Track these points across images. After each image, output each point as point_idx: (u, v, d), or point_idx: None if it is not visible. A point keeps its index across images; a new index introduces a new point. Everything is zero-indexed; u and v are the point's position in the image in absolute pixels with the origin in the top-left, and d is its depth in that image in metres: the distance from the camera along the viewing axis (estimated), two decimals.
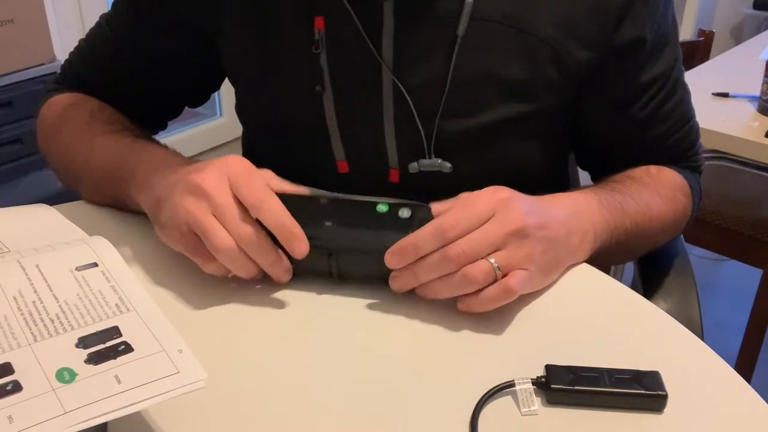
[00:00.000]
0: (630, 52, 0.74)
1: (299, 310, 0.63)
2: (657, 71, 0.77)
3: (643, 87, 0.78)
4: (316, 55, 0.74)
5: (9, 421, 0.39)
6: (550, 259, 0.64)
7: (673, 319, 0.63)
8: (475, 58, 0.73)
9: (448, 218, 0.60)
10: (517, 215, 0.61)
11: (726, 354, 0.59)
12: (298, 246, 0.61)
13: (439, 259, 0.59)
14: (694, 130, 0.85)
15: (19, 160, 1.97)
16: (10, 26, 1.85)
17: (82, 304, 0.47)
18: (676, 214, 0.80)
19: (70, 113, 0.83)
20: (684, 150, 0.85)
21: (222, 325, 0.62)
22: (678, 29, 0.81)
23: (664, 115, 0.80)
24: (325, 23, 0.73)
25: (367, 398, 0.54)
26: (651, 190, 0.78)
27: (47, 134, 0.85)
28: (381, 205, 0.63)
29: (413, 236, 0.60)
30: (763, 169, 1.40)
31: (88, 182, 0.79)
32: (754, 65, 1.56)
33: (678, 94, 0.81)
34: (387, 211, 0.63)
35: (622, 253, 0.76)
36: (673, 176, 0.81)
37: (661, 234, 0.80)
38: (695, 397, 0.55)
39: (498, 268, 0.59)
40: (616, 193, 0.75)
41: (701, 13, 3.10)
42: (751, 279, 1.66)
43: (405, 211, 0.62)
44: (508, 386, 0.54)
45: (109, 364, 0.43)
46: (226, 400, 0.54)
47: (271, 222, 0.60)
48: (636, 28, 0.73)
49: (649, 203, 0.76)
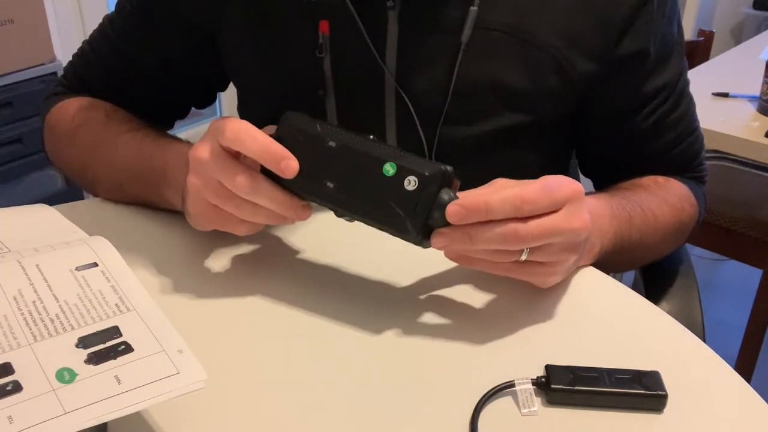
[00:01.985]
0: (632, 64, 0.74)
1: (299, 311, 0.63)
2: (660, 82, 0.77)
3: (645, 98, 0.77)
4: (320, 59, 0.74)
5: (9, 422, 0.39)
6: (573, 264, 0.63)
7: (673, 319, 0.63)
8: (478, 66, 0.73)
9: (530, 192, 0.55)
10: (586, 216, 0.58)
11: (726, 354, 0.59)
12: (286, 164, 0.58)
13: (508, 232, 0.55)
14: (698, 141, 0.84)
15: (19, 160, 1.97)
16: (10, 26, 1.86)
17: (82, 304, 0.47)
18: (681, 224, 0.79)
19: (83, 116, 0.83)
20: (688, 161, 0.84)
21: (222, 325, 0.62)
22: (684, 39, 0.80)
23: (667, 127, 0.80)
24: (329, 27, 0.73)
25: (368, 398, 0.54)
26: (659, 200, 0.77)
27: (61, 139, 0.85)
28: (389, 165, 0.57)
29: (488, 195, 0.55)
30: (763, 169, 1.41)
31: (111, 181, 0.79)
32: (754, 65, 1.56)
33: (683, 105, 0.80)
34: (393, 175, 0.57)
35: (624, 261, 0.76)
36: (680, 187, 0.81)
37: (663, 243, 0.80)
38: (695, 397, 0.55)
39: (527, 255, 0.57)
40: (627, 201, 0.73)
41: (701, 13, 3.10)
42: (751, 279, 1.66)
43: (411, 180, 0.56)
44: (508, 386, 0.54)
45: (109, 364, 0.43)
46: (226, 401, 0.54)
47: (254, 149, 0.58)
48: (638, 41, 0.73)
49: (655, 213, 0.76)
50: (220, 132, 0.59)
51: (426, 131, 0.75)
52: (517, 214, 0.55)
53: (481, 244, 0.56)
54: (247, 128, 0.58)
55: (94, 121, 0.82)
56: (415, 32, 0.73)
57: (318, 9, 0.73)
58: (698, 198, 0.83)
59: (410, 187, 0.56)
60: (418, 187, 0.56)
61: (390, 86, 0.74)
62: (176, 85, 0.87)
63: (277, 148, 0.58)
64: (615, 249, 0.70)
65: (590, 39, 0.72)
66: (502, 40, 0.72)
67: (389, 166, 0.57)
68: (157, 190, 0.72)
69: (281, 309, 0.63)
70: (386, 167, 0.57)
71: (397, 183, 0.56)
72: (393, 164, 0.57)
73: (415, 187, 0.56)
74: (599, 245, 0.68)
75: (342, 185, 0.59)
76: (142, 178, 0.74)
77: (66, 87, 0.90)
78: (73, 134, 0.82)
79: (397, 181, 0.56)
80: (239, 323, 0.62)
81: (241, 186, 0.58)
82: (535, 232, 0.55)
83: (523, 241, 0.55)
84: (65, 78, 0.91)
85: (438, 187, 0.56)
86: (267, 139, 0.58)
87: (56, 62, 1.99)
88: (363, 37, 0.73)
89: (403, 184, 0.56)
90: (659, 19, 0.73)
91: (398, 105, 0.75)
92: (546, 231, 0.56)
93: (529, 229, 0.55)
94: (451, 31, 0.72)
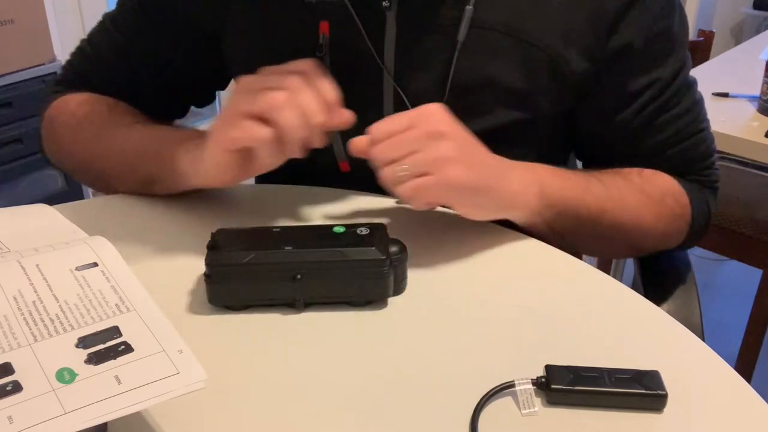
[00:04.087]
0: (619, 59, 0.74)
1: (300, 311, 0.63)
2: (649, 79, 0.76)
3: (632, 94, 0.77)
4: (320, 59, 0.74)
5: (9, 422, 0.39)
6: (475, 168, 0.65)
7: (673, 319, 0.63)
8: (473, 64, 0.73)
9: (380, 123, 0.64)
10: (435, 120, 0.64)
11: (726, 354, 0.59)
12: (340, 113, 0.65)
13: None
14: (703, 144, 0.83)
15: (19, 160, 1.97)
16: (10, 26, 1.86)
17: (82, 304, 0.47)
18: (660, 217, 0.79)
19: (86, 109, 0.84)
20: (689, 162, 0.83)
21: (222, 325, 0.62)
22: (686, 36, 0.79)
23: (660, 125, 0.79)
24: (329, 28, 0.73)
25: (368, 398, 0.54)
26: (632, 185, 0.77)
27: (63, 132, 0.85)
28: (337, 227, 0.64)
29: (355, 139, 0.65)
30: (763, 169, 1.41)
31: (122, 166, 0.79)
32: (754, 65, 1.56)
33: (682, 104, 0.79)
34: (344, 231, 0.63)
35: (588, 236, 0.75)
36: (668, 182, 0.81)
37: (637, 232, 0.78)
38: (695, 397, 0.55)
39: (405, 171, 0.62)
40: (589, 175, 0.75)
41: (701, 13, 3.10)
42: (751, 279, 1.66)
43: (363, 229, 0.63)
44: (508, 386, 0.54)
45: (109, 364, 0.43)
46: (226, 401, 0.54)
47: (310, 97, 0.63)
48: (625, 35, 0.73)
49: (623, 193, 0.76)
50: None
51: None
52: (373, 142, 0.63)
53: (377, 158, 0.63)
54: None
55: (98, 113, 0.82)
56: (413, 32, 0.73)
57: (318, 9, 0.73)
58: (693, 200, 0.82)
59: (363, 232, 0.63)
60: (370, 232, 0.63)
61: (388, 85, 0.75)
62: (176, 84, 0.88)
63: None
64: (567, 208, 0.72)
65: (584, 37, 0.72)
66: (498, 38, 0.72)
67: (338, 228, 0.64)
68: (168, 162, 0.74)
69: (281, 309, 0.63)
70: (336, 228, 0.64)
71: (350, 234, 0.63)
72: (341, 226, 0.64)
73: (368, 232, 0.63)
74: (537, 186, 0.70)
75: (301, 246, 0.62)
76: (152, 154, 0.75)
77: (65, 86, 0.90)
78: (77, 127, 0.83)
79: (350, 233, 0.63)
80: (239, 323, 0.62)
81: (292, 79, 0.63)
82: (384, 148, 0.63)
83: (378, 159, 0.63)
84: (64, 77, 0.91)
85: (385, 228, 0.64)
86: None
87: (56, 62, 1.99)
88: (362, 37, 0.73)
89: (356, 232, 0.63)
90: (650, 13, 0.73)
91: (396, 104, 0.75)
92: (395, 144, 0.63)
93: (377, 149, 0.63)
94: (448, 30, 0.72)
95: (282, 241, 0.62)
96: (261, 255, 0.61)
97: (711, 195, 0.85)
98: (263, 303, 0.63)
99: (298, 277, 0.61)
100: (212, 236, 0.63)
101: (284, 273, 0.61)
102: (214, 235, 0.63)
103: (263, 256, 0.61)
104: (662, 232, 0.81)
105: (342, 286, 0.62)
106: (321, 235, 0.63)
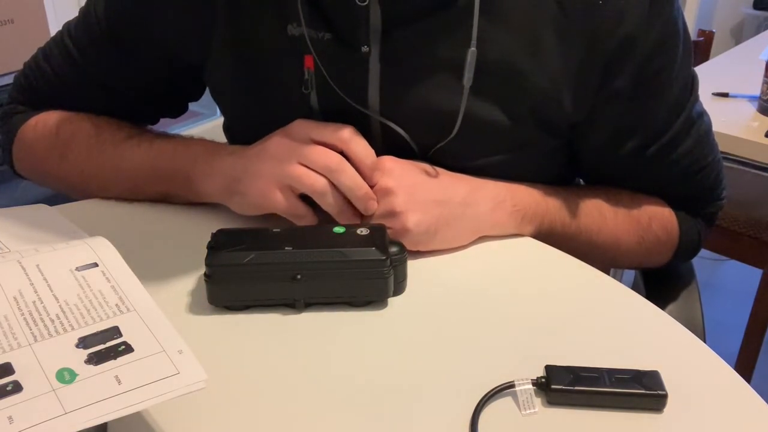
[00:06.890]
0: (610, 100, 0.72)
1: (300, 311, 0.63)
2: (644, 119, 0.74)
3: (627, 134, 0.75)
4: (306, 95, 0.73)
5: (9, 422, 0.39)
6: (428, 211, 0.68)
7: (673, 319, 0.63)
8: (474, 105, 0.71)
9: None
10: (384, 176, 0.68)
11: (726, 354, 0.59)
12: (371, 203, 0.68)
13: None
14: (708, 178, 0.81)
15: None
16: (10, 26, 1.85)
17: (82, 304, 0.47)
18: (643, 241, 0.78)
19: (69, 129, 0.81)
20: (688, 200, 0.81)
21: (222, 325, 0.62)
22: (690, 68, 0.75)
23: (661, 163, 0.77)
24: (314, 63, 0.72)
25: (368, 399, 0.54)
26: (617, 207, 0.77)
27: (48, 155, 0.82)
28: (337, 227, 0.64)
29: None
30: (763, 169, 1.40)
31: (123, 184, 0.78)
32: (754, 65, 1.56)
33: (685, 143, 0.77)
34: (344, 232, 0.64)
35: (566, 249, 0.74)
36: (658, 208, 0.80)
37: (614, 252, 0.78)
38: (695, 397, 0.55)
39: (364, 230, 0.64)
40: (568, 191, 0.76)
41: (701, 13, 3.10)
42: (751, 279, 1.66)
43: (363, 229, 0.64)
44: (508, 387, 0.54)
45: (110, 364, 0.43)
46: (227, 401, 0.54)
47: (349, 182, 0.67)
48: (618, 77, 0.70)
49: (605, 215, 0.76)
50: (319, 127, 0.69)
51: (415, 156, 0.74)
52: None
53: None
54: (342, 161, 0.68)
55: (83, 132, 0.80)
56: (401, 72, 0.71)
57: (302, 43, 0.71)
58: (683, 228, 0.81)
59: (363, 232, 0.64)
60: (370, 232, 0.64)
61: (375, 122, 0.73)
62: (146, 103, 0.85)
63: (366, 187, 0.68)
64: (541, 223, 0.74)
65: (581, 78, 0.70)
66: (497, 80, 0.70)
67: (338, 228, 0.64)
68: (183, 182, 0.74)
69: (281, 309, 0.63)
70: (336, 229, 0.64)
71: (350, 234, 0.64)
72: (341, 226, 0.65)
73: (368, 232, 0.64)
74: (510, 203, 0.72)
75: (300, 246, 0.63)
76: (164, 175, 0.76)
77: (20, 103, 0.87)
78: (64, 149, 0.81)
79: (350, 233, 0.64)
80: (239, 323, 0.62)
81: (332, 157, 0.67)
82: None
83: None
84: (18, 93, 0.88)
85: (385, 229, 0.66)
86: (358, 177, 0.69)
87: None
88: (344, 75, 0.71)
89: (356, 232, 0.64)
90: (644, 53, 0.70)
91: (384, 140, 0.74)
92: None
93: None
94: (445, 70, 0.70)
95: (282, 241, 0.62)
96: (261, 255, 0.61)
97: (704, 225, 0.84)
98: (263, 303, 0.63)
99: (298, 278, 0.61)
100: (212, 236, 0.63)
101: (284, 273, 0.61)
102: (214, 235, 0.64)
103: (263, 257, 0.61)
104: (643, 255, 0.81)
105: (342, 286, 0.62)
106: (321, 235, 0.64)
